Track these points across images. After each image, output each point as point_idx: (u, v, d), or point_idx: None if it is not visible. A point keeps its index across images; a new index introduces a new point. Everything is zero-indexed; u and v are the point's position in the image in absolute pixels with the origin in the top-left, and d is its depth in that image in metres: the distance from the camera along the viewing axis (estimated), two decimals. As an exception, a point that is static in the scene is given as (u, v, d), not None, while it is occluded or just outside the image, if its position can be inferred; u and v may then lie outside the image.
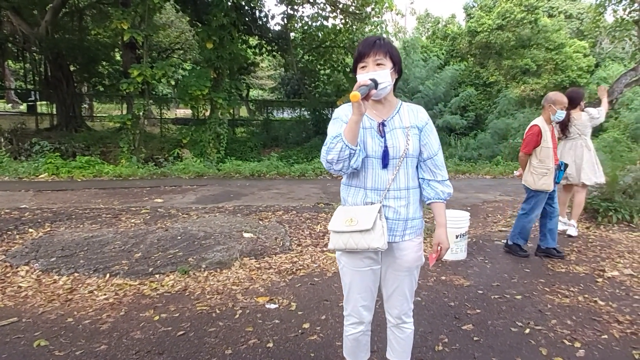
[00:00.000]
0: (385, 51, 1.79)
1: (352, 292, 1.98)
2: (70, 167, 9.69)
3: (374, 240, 1.76)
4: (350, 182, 1.90)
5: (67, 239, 4.54)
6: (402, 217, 1.86)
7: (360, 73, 1.81)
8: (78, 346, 2.66)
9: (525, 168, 4.33)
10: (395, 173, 1.83)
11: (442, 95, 14.83)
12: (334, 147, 1.71)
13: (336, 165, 1.74)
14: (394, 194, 1.84)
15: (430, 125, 1.92)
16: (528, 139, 4.21)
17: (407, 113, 1.90)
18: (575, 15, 22.57)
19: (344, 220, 1.83)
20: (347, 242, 1.81)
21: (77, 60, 16.09)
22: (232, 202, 7.09)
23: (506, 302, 3.31)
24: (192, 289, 3.58)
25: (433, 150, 1.90)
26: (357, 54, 1.82)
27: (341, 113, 1.88)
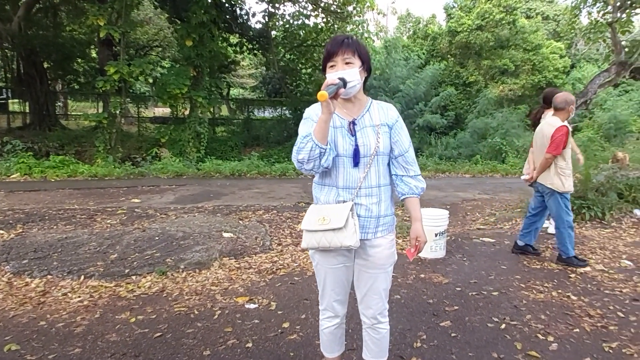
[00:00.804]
0: (354, 49, 1.79)
1: (326, 288, 2.01)
2: (43, 166, 9.45)
3: (346, 238, 1.77)
4: (323, 181, 1.91)
5: (40, 240, 4.42)
6: (374, 215, 1.87)
7: (329, 72, 1.80)
8: (51, 350, 2.59)
9: (543, 171, 4.13)
10: (366, 171, 1.84)
11: (423, 94, 14.98)
12: (304, 146, 1.71)
13: (307, 165, 1.74)
14: (365, 192, 1.85)
15: (400, 122, 1.93)
16: (559, 140, 3.99)
17: (377, 111, 1.90)
18: (551, 16, 23.10)
19: (316, 219, 1.83)
20: (320, 241, 1.82)
21: (51, 57, 15.68)
22: (212, 202, 7.02)
23: (483, 299, 3.36)
24: (170, 290, 3.52)
25: (404, 147, 1.91)
26: (326, 53, 1.82)
27: (311, 112, 1.87)
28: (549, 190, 4.13)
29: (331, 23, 15.09)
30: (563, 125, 4.01)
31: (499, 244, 4.91)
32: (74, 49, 16.32)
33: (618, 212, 5.77)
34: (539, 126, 4.35)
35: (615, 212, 5.73)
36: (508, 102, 17.38)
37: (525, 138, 13.85)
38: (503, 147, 12.94)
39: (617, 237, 5.06)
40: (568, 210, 4.13)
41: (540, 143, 4.19)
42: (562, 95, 4.15)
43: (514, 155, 12.63)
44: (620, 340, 2.70)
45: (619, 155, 8.72)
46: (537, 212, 4.41)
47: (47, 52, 14.95)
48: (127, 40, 12.86)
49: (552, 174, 4.09)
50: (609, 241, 4.89)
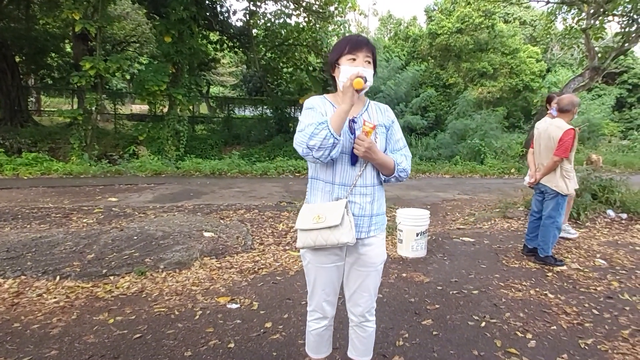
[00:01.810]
0: (373, 52, 1.85)
1: (316, 288, 1.99)
2: (15, 164, 9.15)
3: (343, 235, 1.77)
4: (319, 176, 1.90)
5: (13, 239, 4.27)
6: (367, 213, 1.88)
7: (347, 64, 1.80)
8: (26, 352, 2.50)
9: (548, 173, 4.14)
10: (362, 170, 1.86)
11: (404, 95, 15.11)
12: (318, 133, 1.68)
13: (316, 152, 1.71)
14: (360, 190, 1.86)
15: (396, 123, 1.97)
16: (567, 143, 4.00)
17: (375, 111, 1.93)
18: (528, 22, 23.66)
19: (311, 218, 1.82)
20: (316, 240, 1.81)
21: (23, 51, 15.18)
22: (192, 201, 6.92)
23: (464, 297, 3.41)
24: (150, 290, 3.45)
25: (398, 147, 1.96)
26: (349, 46, 1.81)
27: (315, 103, 1.87)
28: (554, 193, 4.14)
29: (313, 23, 15.06)
30: (571, 129, 4.03)
31: (478, 243, 4.99)
32: (48, 42, 15.81)
33: (592, 212, 5.94)
34: (542, 127, 4.32)
35: (590, 212, 5.90)
36: (487, 104, 17.72)
37: (503, 140, 14.16)
38: (482, 148, 13.17)
39: (592, 237, 5.22)
40: (562, 211, 4.20)
41: (546, 145, 4.19)
42: (567, 97, 4.17)
43: (492, 157, 12.88)
44: (595, 337, 2.78)
45: (593, 157, 8.97)
46: (541, 214, 4.35)
47: (18, 46, 14.47)
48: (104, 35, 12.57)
49: (558, 177, 4.10)
50: (584, 241, 5.04)
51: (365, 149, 1.75)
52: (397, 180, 1.95)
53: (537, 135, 4.37)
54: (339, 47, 1.84)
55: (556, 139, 4.05)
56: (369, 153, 1.77)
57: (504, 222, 6.00)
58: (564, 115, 4.14)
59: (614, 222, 5.83)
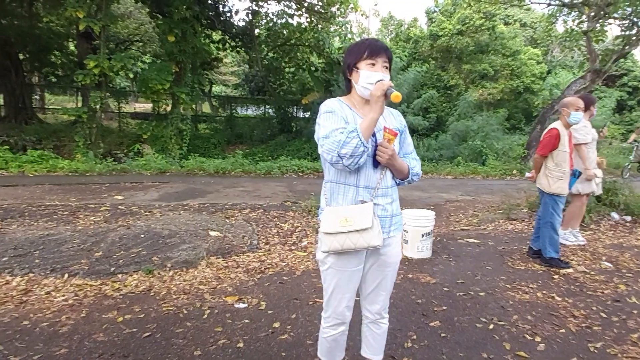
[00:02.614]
0: (390, 58, 1.87)
1: (335, 294, 1.96)
2: (21, 161, 9.16)
3: (373, 238, 1.78)
4: (340, 179, 1.89)
5: (20, 237, 4.28)
6: (389, 214, 1.91)
7: (367, 69, 1.81)
8: (36, 350, 2.51)
9: (539, 171, 4.25)
10: (384, 172, 1.88)
11: (405, 96, 15.12)
12: (349, 141, 1.68)
13: (346, 160, 1.71)
14: (382, 192, 1.88)
15: (407, 128, 2.03)
16: (546, 141, 4.12)
17: (389, 116, 1.97)
18: (529, 24, 23.67)
19: (338, 221, 1.81)
20: (343, 243, 1.80)
21: (27, 49, 15.18)
22: (197, 200, 6.93)
23: (471, 299, 3.42)
24: (157, 288, 3.46)
25: (409, 150, 2.02)
26: (369, 50, 1.81)
27: (334, 106, 1.86)
28: (541, 192, 4.28)
29: (315, 23, 15.09)
30: (554, 128, 4.12)
31: (483, 244, 5.00)
32: (51, 40, 15.81)
33: (596, 215, 5.95)
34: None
35: (594, 214, 5.91)
36: (487, 106, 17.74)
37: (505, 141, 14.17)
38: (483, 150, 13.19)
39: (597, 240, 5.22)
40: (555, 213, 4.20)
41: None
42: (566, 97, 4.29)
43: (494, 158, 12.89)
44: (604, 341, 2.79)
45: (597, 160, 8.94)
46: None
47: (22, 43, 14.46)
48: (107, 34, 12.57)
49: (541, 175, 4.24)
50: (589, 243, 5.04)
51: (389, 157, 1.79)
52: (409, 184, 2.00)
53: None
54: (358, 51, 1.84)
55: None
56: (391, 160, 1.81)
57: (508, 224, 6.01)
58: (560, 117, 4.23)
59: (618, 225, 5.83)
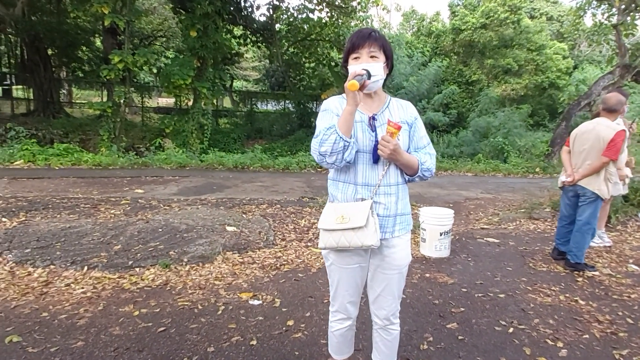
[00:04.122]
0: (380, 44, 1.76)
1: (339, 289, 1.96)
2: (47, 154, 9.39)
3: (367, 237, 1.73)
4: (339, 177, 1.86)
5: (43, 229, 4.38)
6: (392, 213, 1.84)
7: (352, 64, 1.77)
8: (53, 342, 2.56)
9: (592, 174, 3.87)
10: (386, 169, 1.81)
11: (426, 92, 14.94)
12: (327, 138, 1.66)
13: (329, 158, 1.69)
14: (384, 190, 1.81)
15: (419, 120, 1.91)
16: (619, 144, 3.78)
17: (397, 108, 1.88)
18: (556, 17, 23.01)
19: (334, 218, 1.78)
20: (338, 240, 1.77)
21: (55, 44, 15.58)
22: (215, 194, 6.98)
23: (490, 301, 3.33)
24: (174, 283, 3.49)
25: (421, 144, 1.90)
26: (351, 44, 1.77)
27: (330, 105, 1.84)
28: (593, 197, 3.90)
29: (335, 18, 14.99)
30: (623, 130, 3.84)
31: (503, 244, 4.88)
32: (79, 36, 16.21)
33: (623, 215, 5.73)
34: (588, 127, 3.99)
35: (621, 215, 5.69)
36: (510, 102, 17.35)
37: (528, 138, 13.82)
38: (505, 147, 12.90)
39: (623, 241, 5.03)
40: (597, 217, 4.03)
41: (592, 145, 3.88)
42: (614, 95, 3.96)
43: (516, 155, 12.60)
44: (630, 348, 2.67)
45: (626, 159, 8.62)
46: (573, 218, 4.11)
47: (51, 39, 14.86)
48: (132, 30, 12.78)
49: (601, 180, 3.87)
50: (615, 245, 4.86)
51: (391, 151, 1.70)
52: (420, 180, 1.91)
53: (579, 135, 4.04)
54: (346, 46, 1.81)
55: (606, 140, 3.79)
56: (394, 154, 1.72)
57: (529, 223, 5.85)
58: (610, 115, 3.93)
59: (646, 226, 5.61)
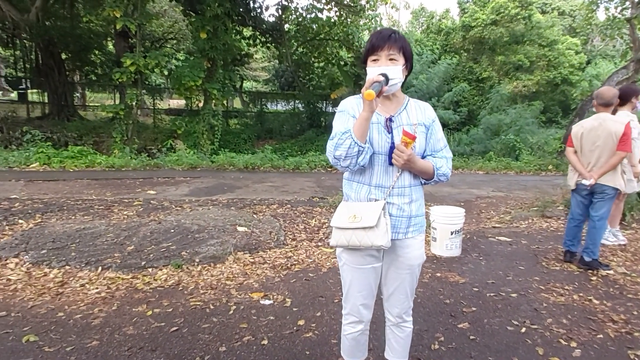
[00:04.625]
0: (400, 46, 1.75)
1: (352, 290, 1.95)
2: (62, 156, 9.54)
3: (377, 237, 1.73)
4: (354, 177, 1.87)
5: (59, 230, 4.47)
6: (406, 214, 1.83)
7: (371, 66, 1.76)
8: (69, 342, 2.61)
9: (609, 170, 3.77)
10: (400, 171, 1.80)
11: (435, 89, 14.84)
12: (342, 143, 1.67)
13: (343, 162, 1.71)
14: (398, 191, 1.82)
15: (437, 122, 1.90)
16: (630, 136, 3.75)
17: (415, 110, 1.87)
18: (567, 12, 22.67)
19: (347, 217, 1.79)
20: (350, 239, 1.78)
21: (68, 48, 15.82)
22: (226, 195, 7.03)
23: (502, 300, 3.31)
24: (186, 283, 3.53)
25: (438, 147, 1.89)
26: (370, 46, 1.76)
27: (347, 106, 1.84)
28: (612, 193, 3.81)
29: (344, 17, 14.96)
30: (629, 121, 3.82)
31: (515, 243, 4.83)
32: (91, 40, 16.44)
33: (638, 212, 5.64)
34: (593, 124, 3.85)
35: (636, 213, 5.60)
36: (522, 99, 17.14)
37: (540, 135, 13.64)
38: (517, 144, 12.76)
39: (638, 239, 4.94)
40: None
41: (604, 142, 3.76)
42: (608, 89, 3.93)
43: (528, 153, 12.46)
44: (645, 348, 2.64)
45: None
46: (585, 217, 4.05)
47: (64, 43, 15.08)
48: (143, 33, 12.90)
49: (619, 174, 3.81)
50: (630, 243, 4.78)
51: (405, 161, 1.71)
52: (436, 184, 1.91)
53: (585, 133, 3.89)
54: (365, 47, 1.80)
55: (618, 134, 3.70)
56: (408, 164, 1.73)
57: (542, 222, 5.78)
58: (608, 109, 3.87)
59: (663, 224, 5.51)
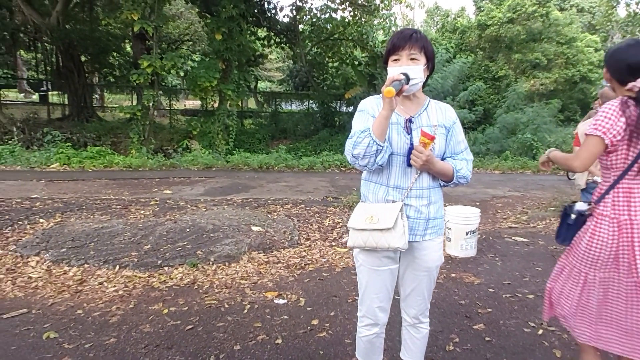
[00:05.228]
0: (421, 46, 1.74)
1: (368, 292, 1.94)
2: (81, 157, 9.76)
3: (394, 239, 1.71)
4: (371, 178, 1.86)
5: (78, 229, 4.56)
6: (424, 216, 1.82)
7: (392, 66, 1.75)
8: (87, 339, 2.66)
9: None
10: (419, 172, 1.79)
11: (450, 89, 14.69)
12: (361, 141, 1.66)
13: (362, 161, 1.70)
14: (416, 193, 1.80)
15: (458, 124, 1.87)
16: None
17: (435, 111, 1.85)
18: (587, 9, 22.22)
19: (364, 218, 1.78)
20: (366, 240, 1.77)
21: (88, 51, 16.14)
22: (241, 195, 7.09)
23: (518, 302, 3.26)
24: (201, 282, 3.57)
25: (459, 149, 1.87)
26: (391, 45, 1.75)
27: (367, 105, 1.83)
28: None
29: (358, 17, 14.93)
30: None
31: (532, 244, 4.76)
32: (110, 42, 16.75)
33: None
34: None
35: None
36: (539, 97, 16.86)
37: (558, 134, 13.38)
38: (534, 143, 12.56)
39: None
40: None
41: None
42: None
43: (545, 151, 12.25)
44: (667, 352, 2.56)
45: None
46: None
47: (84, 46, 15.40)
48: (160, 35, 13.10)
49: None
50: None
51: (423, 162, 1.70)
52: (455, 186, 1.90)
53: None
54: (386, 47, 1.79)
55: None
56: (427, 165, 1.72)
57: (561, 222, 5.67)
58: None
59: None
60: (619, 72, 1.83)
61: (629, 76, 1.76)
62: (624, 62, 1.79)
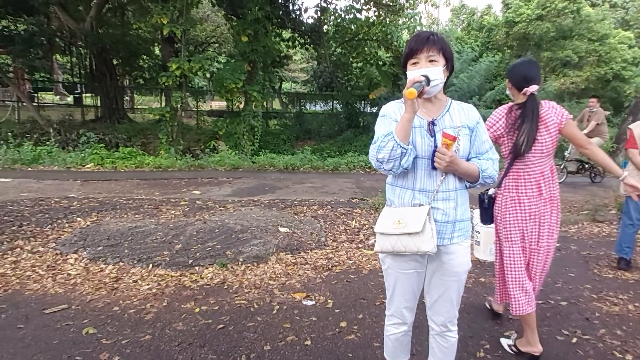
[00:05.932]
0: (439, 47, 1.74)
1: (395, 294, 1.95)
2: (114, 157, 10.09)
3: (423, 243, 1.72)
4: (397, 182, 1.86)
5: (113, 228, 4.73)
6: (451, 219, 1.81)
7: (411, 69, 1.76)
8: (124, 335, 2.77)
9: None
10: (444, 174, 1.78)
11: (477, 88, 14.41)
12: (384, 145, 1.67)
13: (386, 165, 1.70)
14: (442, 196, 1.79)
15: (481, 124, 1.86)
16: None
17: (458, 112, 1.84)
18: (620, 4, 21.41)
19: (391, 222, 1.78)
20: (394, 245, 1.78)
21: (119, 54, 16.62)
22: (267, 196, 7.17)
23: (551, 309, 3.20)
24: (231, 282, 3.65)
25: (483, 149, 1.85)
26: (409, 49, 1.76)
27: (389, 110, 1.84)
28: None
29: (383, 17, 14.84)
30: None
31: (565, 249, 4.65)
32: (140, 46, 17.22)
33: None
34: None
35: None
36: (570, 96, 16.36)
37: (590, 134, 12.94)
38: (565, 144, 12.17)
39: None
40: None
41: None
42: None
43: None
44: None
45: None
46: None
47: (116, 50, 15.87)
48: (188, 37, 13.37)
49: None
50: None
51: (447, 163, 1.69)
52: (482, 187, 1.88)
53: None
54: (404, 51, 1.80)
55: None
56: (451, 166, 1.71)
57: (593, 226, 5.53)
58: None
59: None
60: (518, 82, 2.44)
61: (525, 84, 2.39)
62: (521, 74, 2.43)
